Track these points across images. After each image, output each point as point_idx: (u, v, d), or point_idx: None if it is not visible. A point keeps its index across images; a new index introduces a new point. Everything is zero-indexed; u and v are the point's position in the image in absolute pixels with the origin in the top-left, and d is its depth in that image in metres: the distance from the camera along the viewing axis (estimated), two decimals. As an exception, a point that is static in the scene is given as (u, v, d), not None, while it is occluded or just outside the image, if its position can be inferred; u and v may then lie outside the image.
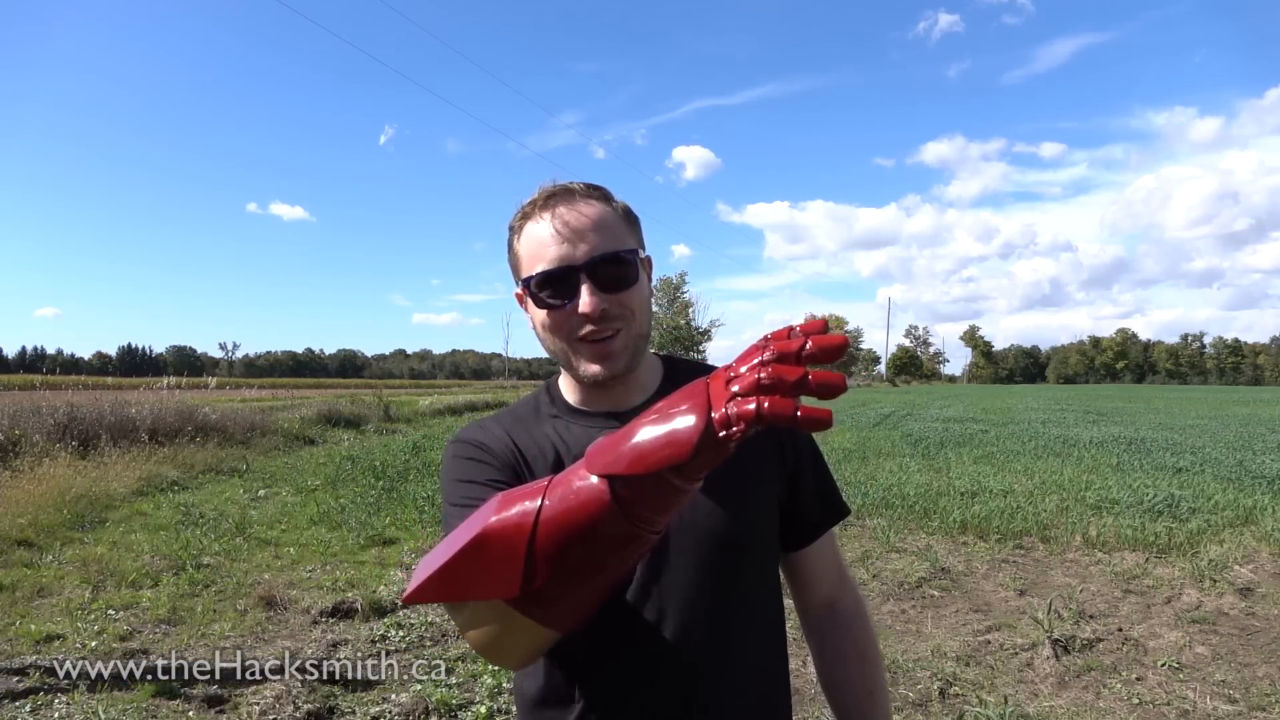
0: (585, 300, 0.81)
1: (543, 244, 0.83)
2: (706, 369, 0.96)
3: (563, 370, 0.93)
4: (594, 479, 0.53)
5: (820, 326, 0.49)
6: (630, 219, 0.89)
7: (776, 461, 0.94)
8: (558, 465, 0.87)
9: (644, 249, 0.91)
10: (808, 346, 0.48)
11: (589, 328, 0.83)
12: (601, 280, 0.82)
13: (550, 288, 0.83)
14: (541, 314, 0.85)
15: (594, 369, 0.85)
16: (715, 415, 0.48)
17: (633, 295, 0.84)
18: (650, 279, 0.91)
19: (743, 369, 0.49)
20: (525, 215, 0.86)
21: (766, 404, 0.46)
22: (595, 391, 0.90)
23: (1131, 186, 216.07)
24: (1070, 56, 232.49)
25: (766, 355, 0.48)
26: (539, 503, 0.54)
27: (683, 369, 0.97)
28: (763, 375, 0.47)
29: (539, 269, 0.83)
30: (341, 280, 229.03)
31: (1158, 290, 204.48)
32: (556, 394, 0.94)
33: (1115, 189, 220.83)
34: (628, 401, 0.91)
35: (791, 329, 0.50)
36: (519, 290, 0.88)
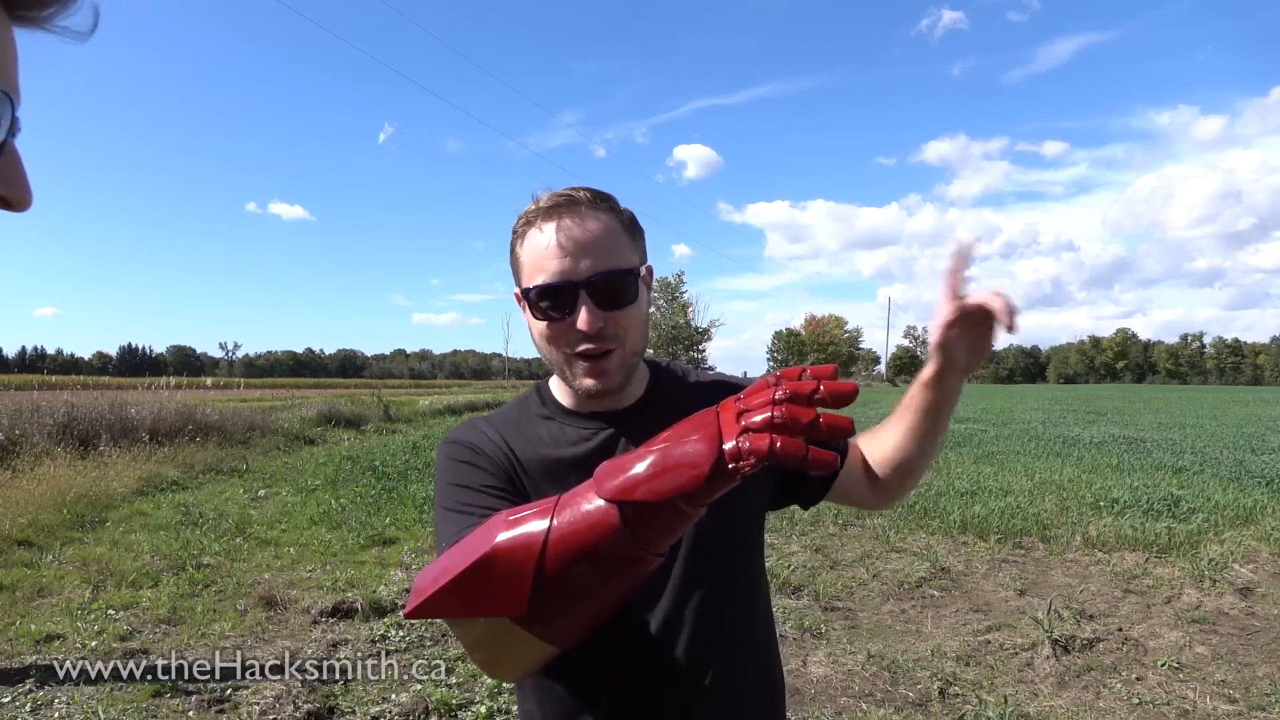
0: (583, 317, 0.82)
1: (545, 255, 0.83)
2: (692, 385, 0.98)
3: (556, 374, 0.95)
4: (602, 502, 0.54)
5: (831, 371, 0.51)
6: (634, 230, 0.89)
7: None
8: (552, 467, 0.88)
9: (645, 260, 0.91)
10: (820, 390, 0.50)
11: (585, 345, 0.84)
12: (600, 297, 0.83)
13: (549, 300, 0.83)
14: (540, 324, 0.85)
15: (588, 384, 0.86)
16: (726, 447, 0.50)
17: (630, 313, 0.85)
18: (650, 290, 0.92)
19: (754, 403, 0.51)
20: (529, 222, 0.86)
21: (779, 443, 0.48)
22: (587, 396, 0.91)
23: (1134, 186, 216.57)
24: (1072, 55, 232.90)
25: (779, 394, 0.50)
26: (548, 523, 0.55)
27: (669, 376, 0.98)
28: (776, 414, 0.49)
29: (539, 281, 0.83)
30: (341, 280, 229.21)
31: (1159, 290, 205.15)
32: (548, 395, 0.95)
33: (1117, 188, 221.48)
34: (617, 404, 0.92)
35: (803, 370, 0.52)
36: (518, 292, 0.89)
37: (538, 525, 0.55)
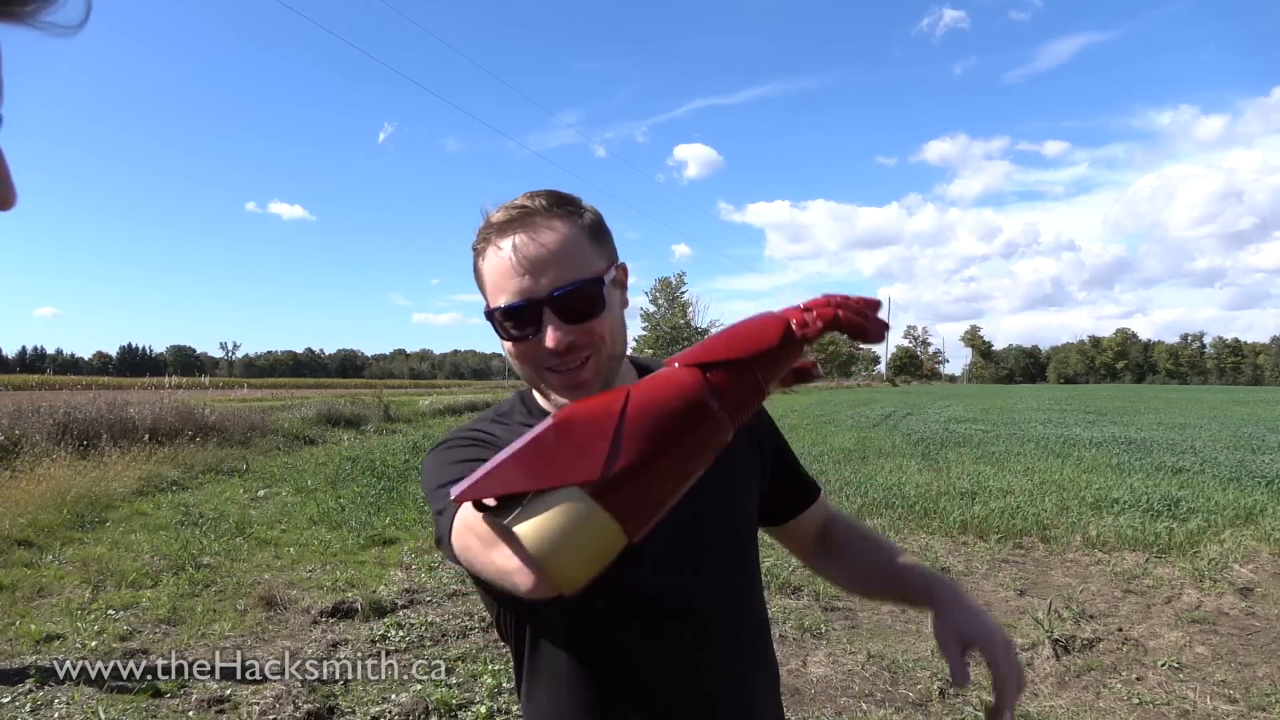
0: (549, 335, 0.79)
1: (503, 275, 0.80)
2: None
3: None
4: (680, 368, 0.58)
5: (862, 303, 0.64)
6: (598, 232, 0.85)
7: (757, 468, 1.01)
8: None
9: (614, 259, 0.87)
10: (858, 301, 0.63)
11: (555, 361, 0.82)
12: (566, 312, 0.80)
13: (514, 320, 0.81)
14: (508, 345, 0.84)
15: (563, 400, 0.84)
16: (793, 322, 0.59)
17: (600, 322, 0.82)
18: (624, 290, 0.89)
19: (808, 302, 0.62)
20: (485, 239, 0.83)
21: (842, 313, 0.59)
22: None
23: (1135, 185, 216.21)
24: (1074, 55, 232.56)
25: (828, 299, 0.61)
26: (624, 393, 0.56)
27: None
28: (835, 298, 0.61)
29: (501, 302, 0.81)
30: (341, 280, 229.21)
31: (1160, 290, 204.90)
32: (533, 404, 0.93)
33: (1118, 188, 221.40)
34: None
35: (829, 298, 0.62)
36: (486, 310, 0.86)
37: (613, 394, 0.56)
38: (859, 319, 0.59)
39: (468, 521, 0.65)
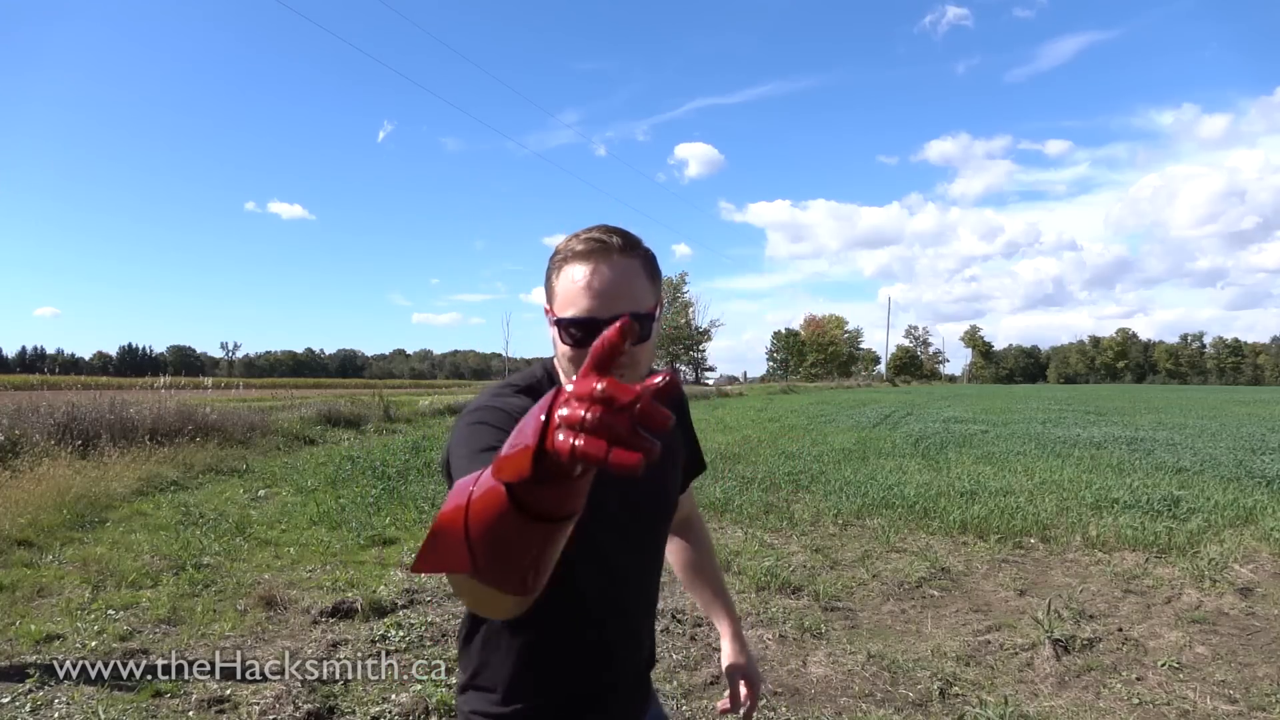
0: None
1: (578, 293, 1.00)
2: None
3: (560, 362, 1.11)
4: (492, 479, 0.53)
5: (668, 381, 0.48)
6: (653, 270, 1.05)
7: (682, 444, 1.27)
8: None
9: (660, 296, 1.07)
10: (638, 406, 0.46)
11: None
12: None
13: (576, 331, 1.00)
14: (565, 348, 1.03)
15: None
16: (548, 445, 0.47)
17: (642, 349, 1.02)
18: (659, 322, 1.08)
19: (576, 400, 0.47)
20: (565, 259, 1.02)
21: (580, 442, 0.45)
22: None
23: (1136, 185, 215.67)
24: (1076, 54, 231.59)
25: (599, 389, 0.46)
26: (468, 494, 0.56)
27: None
28: (588, 415, 0.45)
29: (570, 313, 1.00)
30: (341, 280, 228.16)
31: (1161, 290, 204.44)
32: (556, 378, 1.11)
33: (1120, 187, 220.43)
34: None
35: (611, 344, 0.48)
36: (549, 315, 1.05)
37: (461, 499, 0.56)
38: (598, 452, 0.44)
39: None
